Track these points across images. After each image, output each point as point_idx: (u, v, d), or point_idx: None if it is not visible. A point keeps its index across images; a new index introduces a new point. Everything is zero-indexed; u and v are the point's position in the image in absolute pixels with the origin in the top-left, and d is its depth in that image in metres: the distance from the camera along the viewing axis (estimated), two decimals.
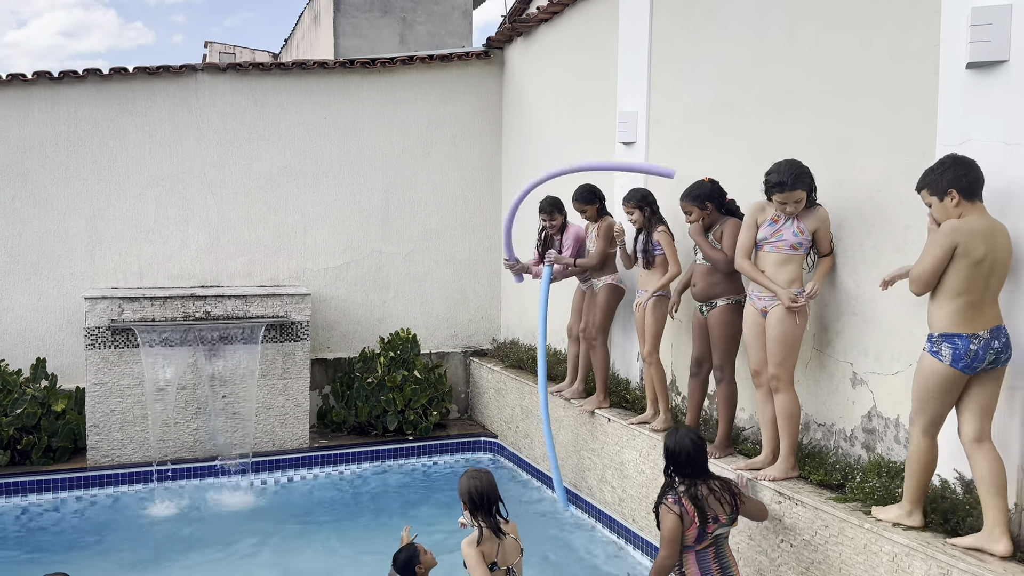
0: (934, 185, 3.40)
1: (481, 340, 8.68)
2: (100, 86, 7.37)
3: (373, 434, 7.52)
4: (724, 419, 4.77)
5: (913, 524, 3.48)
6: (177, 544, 5.52)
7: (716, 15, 5.32)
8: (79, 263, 7.36)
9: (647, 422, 5.42)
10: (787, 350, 4.17)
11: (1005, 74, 3.44)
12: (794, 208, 4.14)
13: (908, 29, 3.94)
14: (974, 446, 3.30)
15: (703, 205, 4.74)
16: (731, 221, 4.73)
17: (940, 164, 3.42)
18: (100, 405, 6.65)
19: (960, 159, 3.39)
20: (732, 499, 3.79)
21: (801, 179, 4.08)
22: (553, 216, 6.18)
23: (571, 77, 7.22)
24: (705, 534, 3.69)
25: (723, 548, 3.79)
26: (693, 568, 3.70)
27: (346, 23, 16.59)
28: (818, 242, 4.24)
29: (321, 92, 8.00)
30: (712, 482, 3.79)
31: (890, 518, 3.56)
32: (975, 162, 3.35)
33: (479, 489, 3.60)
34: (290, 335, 7.12)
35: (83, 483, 6.45)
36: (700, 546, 3.70)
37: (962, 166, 3.36)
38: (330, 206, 8.08)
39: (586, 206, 5.93)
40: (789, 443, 4.23)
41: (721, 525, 3.74)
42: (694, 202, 4.76)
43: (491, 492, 3.63)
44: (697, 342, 4.97)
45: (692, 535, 3.68)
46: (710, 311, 4.78)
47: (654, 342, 5.34)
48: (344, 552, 5.42)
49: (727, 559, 3.79)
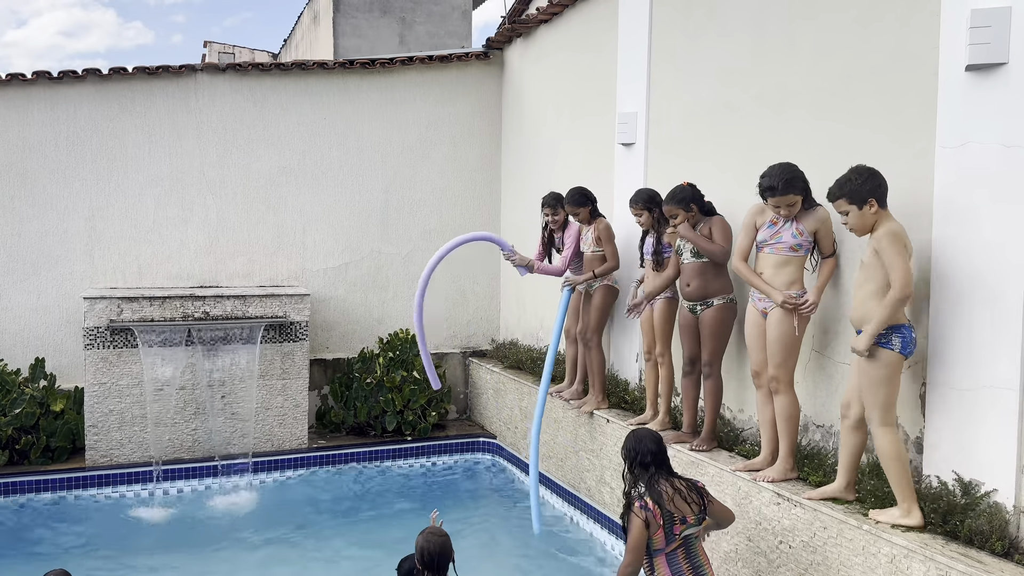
0: (854, 194, 3.63)
1: (480, 341, 8.68)
2: (99, 86, 7.37)
3: (372, 435, 7.52)
4: (710, 413, 4.87)
5: (913, 523, 3.49)
6: (175, 544, 5.52)
7: (716, 15, 5.33)
8: (78, 263, 7.36)
9: (646, 423, 5.42)
10: (787, 351, 4.18)
11: (1004, 76, 3.44)
12: (788, 211, 4.14)
13: (907, 30, 3.95)
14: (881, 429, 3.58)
15: (688, 207, 4.86)
16: (716, 218, 4.87)
17: (856, 174, 3.66)
18: (99, 405, 6.64)
19: (871, 169, 3.67)
20: (700, 499, 3.77)
21: (792, 184, 4.09)
22: (556, 211, 6.20)
23: (571, 78, 7.23)
24: (672, 535, 3.67)
25: (694, 548, 3.76)
26: (664, 571, 3.67)
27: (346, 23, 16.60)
28: (819, 243, 4.24)
29: (320, 92, 8.00)
30: (676, 481, 3.78)
31: (889, 520, 3.57)
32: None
33: (431, 552, 3.59)
34: (289, 335, 7.12)
35: (82, 483, 6.45)
36: (669, 548, 3.68)
37: (876, 176, 3.64)
38: (329, 206, 8.08)
39: (578, 208, 5.94)
40: (788, 444, 4.24)
41: (689, 526, 3.71)
42: (679, 205, 4.86)
43: (443, 555, 3.59)
44: (688, 341, 5.00)
45: (660, 538, 3.65)
46: (704, 310, 4.82)
47: (665, 342, 5.34)
48: (342, 552, 5.42)
49: (699, 559, 3.76)
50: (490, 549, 5.49)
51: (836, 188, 3.72)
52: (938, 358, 3.68)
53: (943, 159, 3.66)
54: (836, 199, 3.72)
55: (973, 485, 3.50)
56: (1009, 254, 3.40)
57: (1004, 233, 3.41)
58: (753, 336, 4.37)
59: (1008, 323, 3.39)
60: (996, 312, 3.44)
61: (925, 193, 3.77)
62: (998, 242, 3.44)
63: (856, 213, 3.65)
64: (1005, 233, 3.41)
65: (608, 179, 6.38)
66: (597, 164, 6.64)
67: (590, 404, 5.95)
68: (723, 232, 4.81)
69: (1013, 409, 3.38)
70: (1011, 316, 3.39)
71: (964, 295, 3.57)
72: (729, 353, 5.10)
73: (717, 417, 4.91)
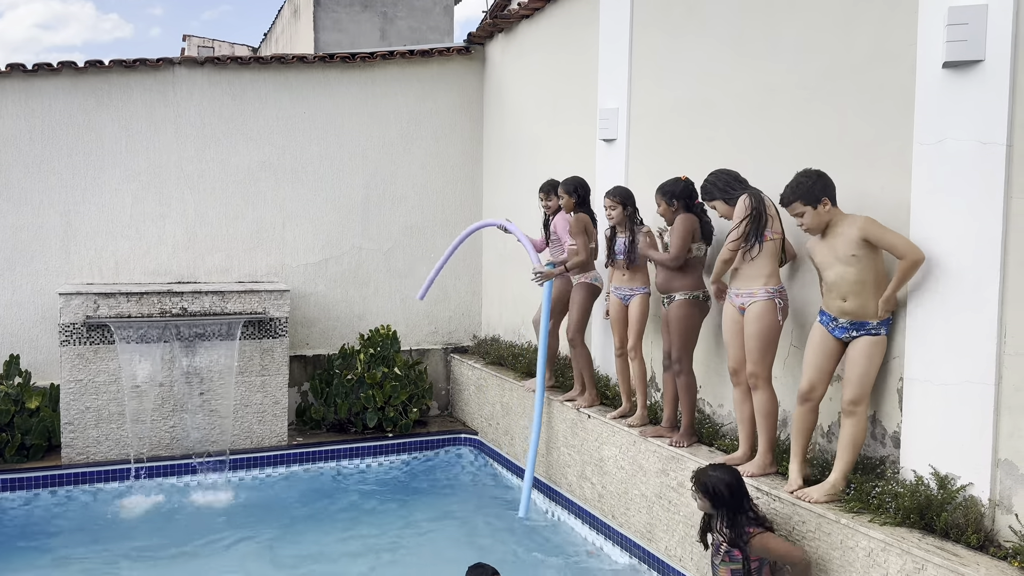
0: (808, 195, 3.87)
1: (462, 337, 8.66)
2: (75, 79, 7.27)
3: (352, 431, 7.48)
4: (686, 409, 4.90)
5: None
6: (152, 542, 5.47)
7: (695, 13, 5.33)
8: (54, 258, 7.26)
9: (626, 415, 5.47)
10: (765, 347, 4.21)
11: (980, 73, 3.46)
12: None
13: (887, 28, 3.97)
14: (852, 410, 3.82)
15: (670, 201, 4.94)
16: (680, 217, 4.89)
17: (806, 177, 3.90)
18: (75, 402, 6.56)
19: (818, 171, 3.91)
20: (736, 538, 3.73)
21: (706, 192, 4.50)
22: (549, 197, 6.30)
23: (552, 74, 7.22)
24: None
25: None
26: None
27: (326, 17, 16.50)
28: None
29: (300, 86, 7.94)
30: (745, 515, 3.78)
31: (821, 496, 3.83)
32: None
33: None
34: (268, 331, 7.07)
35: (57, 481, 6.37)
36: None
37: (824, 176, 3.89)
38: (309, 201, 8.03)
39: (564, 195, 5.93)
40: (767, 440, 4.27)
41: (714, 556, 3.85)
42: (661, 195, 4.98)
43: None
44: (664, 335, 5.06)
45: None
46: (669, 304, 4.92)
47: (637, 336, 5.36)
48: (321, 550, 5.39)
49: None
50: (472, 545, 5.48)
51: (789, 192, 3.93)
52: (915, 353, 3.71)
53: (921, 155, 3.69)
54: (791, 202, 3.93)
55: (949, 479, 3.53)
56: (985, 249, 3.43)
57: (979, 229, 3.44)
58: (731, 333, 4.40)
59: (984, 318, 3.43)
60: (972, 307, 3.47)
61: (903, 189, 3.80)
62: (974, 238, 3.47)
63: (812, 213, 3.88)
64: (980, 229, 3.44)
65: (590, 175, 6.37)
66: (579, 160, 6.63)
67: (583, 401, 5.93)
68: (679, 235, 4.84)
69: (989, 404, 3.42)
70: (987, 311, 3.42)
71: (941, 290, 3.60)
72: (709, 349, 5.13)
73: (694, 412, 4.95)
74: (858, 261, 3.78)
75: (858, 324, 3.82)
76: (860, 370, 3.79)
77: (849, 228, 3.80)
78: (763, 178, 4.50)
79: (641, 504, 5.06)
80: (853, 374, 3.81)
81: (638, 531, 5.09)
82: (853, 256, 3.78)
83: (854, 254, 3.78)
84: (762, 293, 4.21)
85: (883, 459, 4.00)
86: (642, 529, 5.05)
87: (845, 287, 3.82)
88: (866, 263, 3.78)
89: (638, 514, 5.09)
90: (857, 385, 3.80)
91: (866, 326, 3.80)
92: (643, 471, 5.03)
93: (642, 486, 5.05)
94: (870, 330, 3.80)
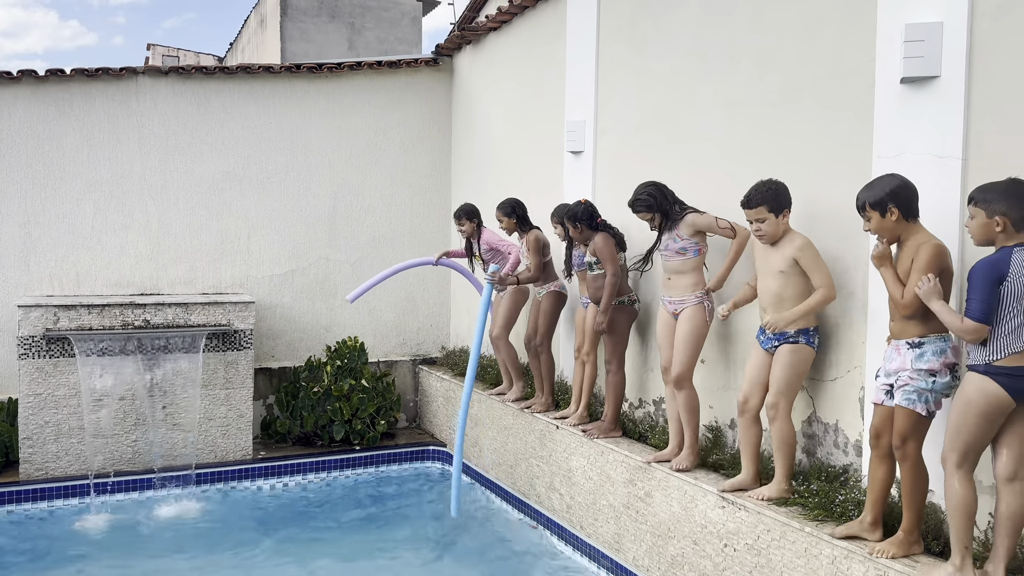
0: (774, 202, 3.95)
1: (430, 348, 8.63)
2: (35, 88, 7.15)
3: (319, 444, 7.41)
4: (610, 404, 5.32)
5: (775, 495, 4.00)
6: (113, 559, 5.36)
7: (660, 28, 5.40)
8: (12, 270, 7.11)
9: (567, 417, 5.70)
10: (690, 348, 4.58)
11: (936, 89, 3.55)
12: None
13: (846, 43, 4.05)
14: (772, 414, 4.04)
15: (575, 224, 5.27)
16: (599, 236, 5.20)
17: (774, 184, 3.98)
18: (34, 417, 6.42)
19: (781, 182, 4.03)
20: None
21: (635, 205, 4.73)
22: (461, 222, 6.52)
23: (520, 86, 7.25)
24: None
25: None
26: None
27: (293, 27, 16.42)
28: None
29: (266, 97, 7.89)
30: None
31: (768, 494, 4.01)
32: None
33: None
34: (233, 344, 6.99)
35: (15, 498, 6.22)
36: None
37: (787, 189, 4.01)
38: (275, 212, 7.96)
39: (503, 217, 6.15)
40: (692, 434, 4.62)
41: None
42: (569, 220, 5.30)
43: None
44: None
45: None
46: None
47: (592, 342, 5.58)
48: (287, 565, 5.32)
49: None
50: (444, 559, 5.45)
51: (757, 195, 3.98)
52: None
53: (880, 169, 3.76)
54: (756, 205, 3.98)
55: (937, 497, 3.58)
56: None
57: None
58: (663, 336, 4.76)
59: None
60: None
61: None
62: None
63: (772, 221, 3.96)
64: None
65: (558, 185, 6.41)
66: (547, 171, 6.67)
67: (538, 406, 6.08)
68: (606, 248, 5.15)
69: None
70: None
71: None
72: (652, 350, 5.37)
73: (618, 408, 5.36)
74: (784, 277, 3.96)
75: (779, 335, 4.01)
76: (776, 374, 4.01)
77: (788, 245, 3.97)
78: (725, 190, 4.56)
79: (609, 514, 5.07)
80: (772, 378, 4.03)
81: (606, 541, 5.10)
82: (781, 272, 3.97)
83: (782, 270, 3.96)
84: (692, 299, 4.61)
85: (846, 468, 4.06)
86: (610, 539, 5.06)
87: (766, 299, 4.04)
88: (791, 281, 3.95)
89: (606, 524, 5.10)
90: (773, 389, 4.01)
91: (785, 335, 3.99)
92: (611, 481, 5.05)
93: (610, 496, 5.06)
94: (788, 339, 3.98)
